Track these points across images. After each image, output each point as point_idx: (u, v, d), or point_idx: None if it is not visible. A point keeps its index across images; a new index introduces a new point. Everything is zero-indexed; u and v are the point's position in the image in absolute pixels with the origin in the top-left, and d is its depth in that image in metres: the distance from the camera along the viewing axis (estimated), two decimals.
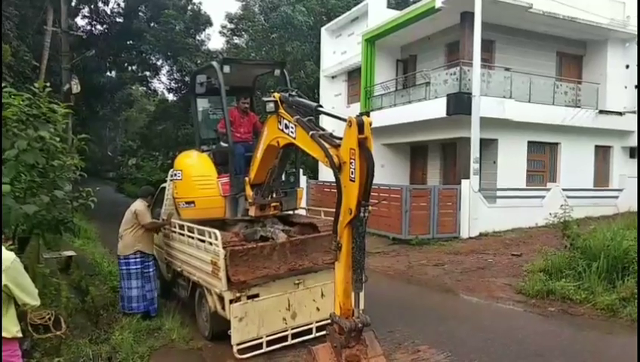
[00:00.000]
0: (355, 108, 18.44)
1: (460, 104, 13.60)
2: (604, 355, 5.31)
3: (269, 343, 5.34)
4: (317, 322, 5.62)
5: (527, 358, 5.23)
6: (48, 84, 5.77)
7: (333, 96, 21.17)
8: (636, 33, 16.62)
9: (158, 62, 29.51)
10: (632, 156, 18.15)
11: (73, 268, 8.35)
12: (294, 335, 5.52)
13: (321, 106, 4.55)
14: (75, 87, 17.05)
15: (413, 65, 18.02)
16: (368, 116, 3.76)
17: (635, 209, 14.34)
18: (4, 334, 3.16)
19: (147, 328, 6.16)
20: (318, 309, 5.65)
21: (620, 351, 5.50)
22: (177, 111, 28.23)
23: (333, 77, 21.59)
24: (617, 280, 6.98)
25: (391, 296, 7.83)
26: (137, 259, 6.65)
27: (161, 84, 32.79)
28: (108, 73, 30.15)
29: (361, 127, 3.62)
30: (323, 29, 21.60)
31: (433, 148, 17.54)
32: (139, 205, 6.80)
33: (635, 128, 17.03)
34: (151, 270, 6.80)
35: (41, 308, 5.46)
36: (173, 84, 31.19)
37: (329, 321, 4.01)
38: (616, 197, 16.06)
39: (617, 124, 16.88)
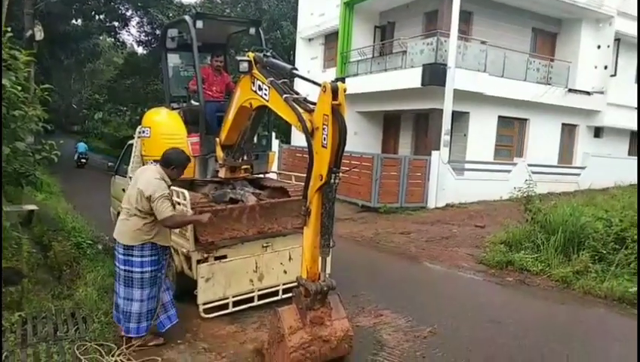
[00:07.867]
0: (331, 73, 18.22)
1: (434, 75, 13.60)
2: (555, 323, 5.59)
3: (235, 304, 5.39)
4: (284, 284, 5.69)
5: (483, 324, 5.46)
6: (9, 29, 5.46)
7: (309, 60, 20.82)
8: (609, 14, 16.90)
9: (128, 13, 28.08)
10: (596, 135, 18.75)
11: (35, 223, 8.16)
12: (261, 297, 5.58)
13: (296, 69, 4.47)
14: (39, 34, 16.18)
15: (391, 33, 17.81)
16: (343, 82, 3.72)
17: (595, 186, 14.93)
18: None
19: (111, 285, 6.11)
20: (285, 272, 5.71)
21: (569, 319, 5.80)
22: (147, 65, 27.27)
23: (310, 39, 21.16)
24: (573, 253, 7.28)
25: (357, 261, 7.98)
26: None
27: (131, 36, 31.51)
28: (74, 21, 28.62)
29: (335, 92, 3.59)
30: None
31: (406, 118, 17.61)
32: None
33: (601, 108, 17.55)
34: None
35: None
36: (143, 37, 29.92)
37: (295, 284, 4.07)
38: (579, 174, 16.60)
39: (585, 104, 17.29)
